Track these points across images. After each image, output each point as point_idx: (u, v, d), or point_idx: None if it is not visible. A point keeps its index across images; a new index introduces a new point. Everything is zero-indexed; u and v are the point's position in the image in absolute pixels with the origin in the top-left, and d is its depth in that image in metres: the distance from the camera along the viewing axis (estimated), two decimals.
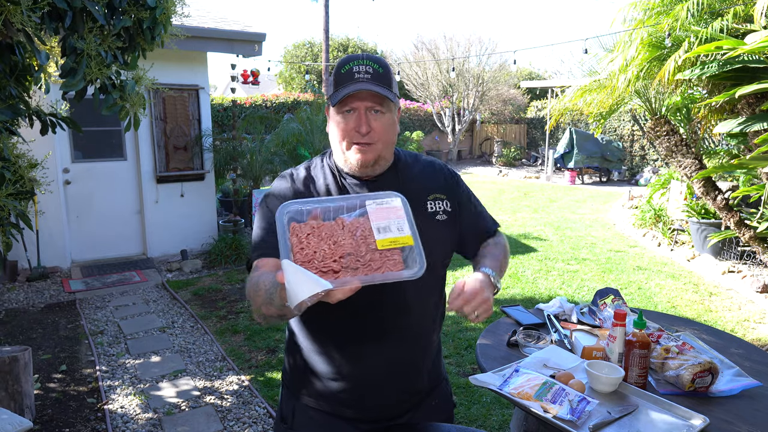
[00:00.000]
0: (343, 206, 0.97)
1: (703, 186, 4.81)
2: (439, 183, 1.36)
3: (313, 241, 0.91)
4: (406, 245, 0.92)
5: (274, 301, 1.01)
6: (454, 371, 3.39)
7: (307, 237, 0.92)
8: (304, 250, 0.90)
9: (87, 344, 3.86)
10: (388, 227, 0.93)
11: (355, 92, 1.18)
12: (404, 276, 0.90)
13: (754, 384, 1.52)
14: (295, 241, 0.91)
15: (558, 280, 5.25)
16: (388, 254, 0.91)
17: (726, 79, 3.80)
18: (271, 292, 1.02)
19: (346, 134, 1.23)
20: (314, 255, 0.90)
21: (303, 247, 0.91)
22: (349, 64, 1.22)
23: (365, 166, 1.24)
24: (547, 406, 1.34)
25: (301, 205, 0.97)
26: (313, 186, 1.30)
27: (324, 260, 0.89)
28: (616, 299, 2.00)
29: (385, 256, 0.91)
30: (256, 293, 1.08)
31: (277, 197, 1.29)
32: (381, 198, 0.98)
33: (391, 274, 0.88)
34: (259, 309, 1.09)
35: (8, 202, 2.16)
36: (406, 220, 0.95)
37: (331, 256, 0.90)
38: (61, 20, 2.03)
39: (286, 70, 21.45)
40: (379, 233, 0.92)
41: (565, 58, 26.91)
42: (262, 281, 1.08)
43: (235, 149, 6.36)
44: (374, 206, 0.96)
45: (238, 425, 2.85)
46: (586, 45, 7.21)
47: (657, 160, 12.81)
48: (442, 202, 1.34)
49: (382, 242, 0.91)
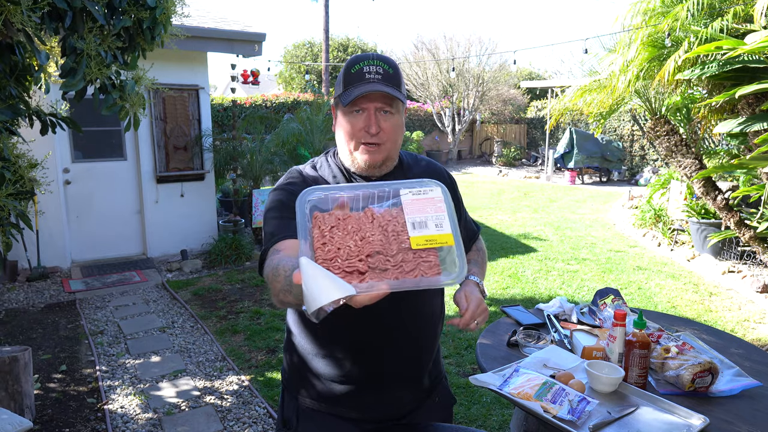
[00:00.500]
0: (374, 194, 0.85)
1: (703, 186, 4.81)
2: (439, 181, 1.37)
3: (338, 235, 0.79)
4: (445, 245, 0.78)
5: (293, 289, 0.91)
6: (454, 371, 3.39)
7: (330, 230, 0.80)
8: (326, 246, 0.78)
9: (87, 344, 3.86)
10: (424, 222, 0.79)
11: (367, 93, 1.18)
12: (441, 282, 0.76)
13: (754, 384, 1.52)
14: (317, 235, 0.79)
15: (558, 280, 5.25)
16: (423, 255, 0.77)
17: (726, 79, 3.80)
18: (291, 280, 0.90)
19: (354, 134, 1.22)
20: (338, 252, 0.77)
21: (325, 242, 0.79)
22: (360, 63, 1.21)
23: (373, 167, 1.25)
24: (547, 406, 1.34)
25: (326, 191, 0.84)
26: (321, 180, 1.29)
27: (349, 258, 0.77)
28: (616, 299, 2.00)
29: (419, 257, 0.77)
30: (275, 278, 0.99)
31: (287, 185, 1.25)
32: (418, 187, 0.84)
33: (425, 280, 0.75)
34: (278, 295, 1.00)
35: (8, 202, 2.16)
36: (446, 215, 0.81)
37: (358, 254, 0.77)
38: (61, 20, 2.03)
39: (286, 70, 21.45)
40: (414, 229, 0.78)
41: (565, 58, 26.93)
42: (281, 266, 0.98)
43: (235, 149, 6.36)
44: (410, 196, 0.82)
45: (238, 425, 2.85)
46: (586, 45, 7.22)
47: (657, 160, 12.81)
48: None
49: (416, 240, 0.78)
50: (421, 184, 0.85)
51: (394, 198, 0.83)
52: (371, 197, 0.84)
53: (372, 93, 1.18)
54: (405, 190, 0.83)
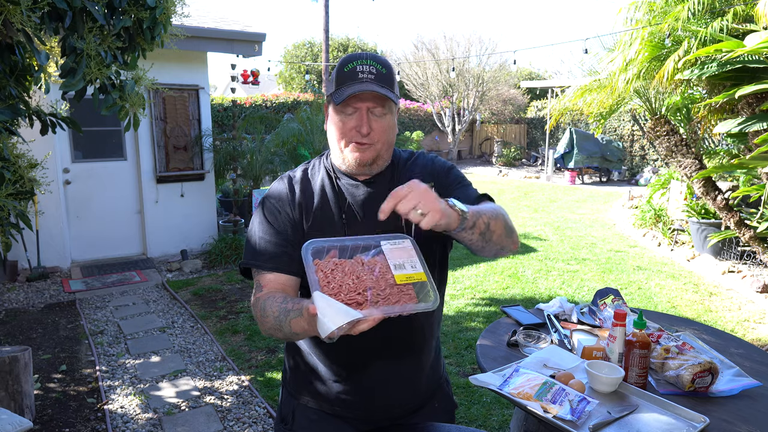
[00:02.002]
0: (359, 245, 1.07)
1: (703, 186, 4.81)
2: (426, 171, 1.33)
3: (338, 275, 1.00)
4: (420, 281, 1.01)
5: (283, 329, 1.08)
6: (454, 371, 3.39)
7: (332, 272, 1.00)
8: (330, 284, 0.98)
9: (87, 344, 3.86)
10: (403, 265, 1.02)
11: (358, 93, 1.17)
12: (419, 308, 0.98)
13: (754, 384, 1.52)
14: (322, 276, 0.99)
15: (558, 280, 5.25)
16: (404, 288, 1.00)
17: (726, 79, 3.80)
18: (280, 320, 1.08)
19: (346, 133, 1.22)
20: (340, 288, 0.98)
21: (329, 281, 0.99)
22: (353, 63, 1.20)
23: (363, 165, 1.24)
24: (547, 406, 1.34)
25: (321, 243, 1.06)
26: (309, 188, 1.30)
27: (349, 294, 0.97)
28: (616, 299, 2.00)
29: (401, 291, 1.00)
30: (264, 318, 1.14)
31: (276, 202, 1.29)
32: (394, 239, 1.07)
33: (408, 306, 0.97)
34: (267, 332, 1.15)
35: (8, 202, 2.16)
36: (417, 259, 1.04)
37: (355, 289, 0.98)
38: (60, 20, 2.03)
39: (286, 70, 21.45)
40: (396, 269, 1.01)
41: (565, 58, 26.94)
42: (269, 307, 1.13)
43: (235, 149, 6.36)
44: (389, 246, 1.05)
45: (238, 425, 2.85)
46: (587, 45, 7.22)
47: (657, 160, 12.81)
48: (432, 188, 1.31)
49: (399, 277, 1.00)
50: (396, 238, 1.08)
51: (376, 248, 1.05)
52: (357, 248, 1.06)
53: (364, 93, 1.17)
54: (385, 242, 1.06)
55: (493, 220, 1.14)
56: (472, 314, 4.34)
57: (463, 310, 4.44)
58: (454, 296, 4.75)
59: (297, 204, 1.28)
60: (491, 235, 1.13)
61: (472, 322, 4.16)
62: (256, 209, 1.32)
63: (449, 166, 1.38)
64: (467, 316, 4.29)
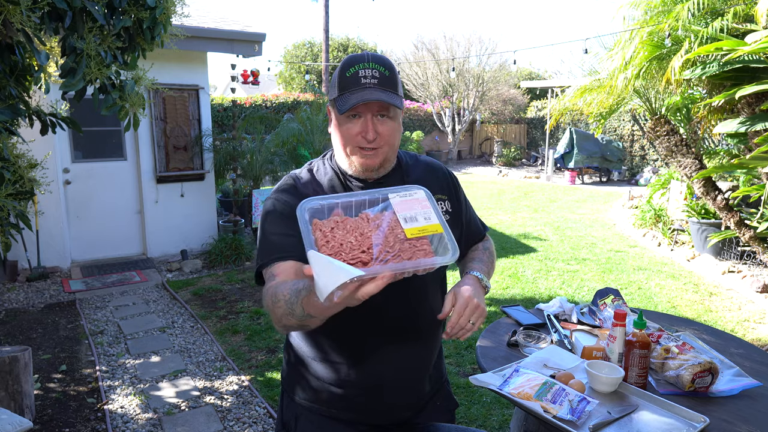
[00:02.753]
0: (365, 200, 0.94)
1: (703, 186, 4.81)
2: (441, 184, 1.36)
3: (339, 233, 0.87)
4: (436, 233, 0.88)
5: (295, 311, 0.99)
6: (454, 371, 3.39)
7: (331, 231, 0.87)
8: (329, 243, 0.85)
9: (87, 344, 3.86)
10: (414, 217, 0.89)
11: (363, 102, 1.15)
12: (437, 263, 0.84)
13: (754, 384, 1.52)
14: (320, 236, 0.86)
15: (558, 280, 5.25)
16: (418, 243, 0.86)
17: (726, 79, 3.80)
18: (292, 302, 0.99)
19: (351, 140, 1.20)
20: (341, 247, 0.84)
21: (328, 240, 0.86)
22: (355, 67, 1.18)
23: (370, 170, 1.24)
24: (547, 406, 1.34)
25: (321, 200, 0.93)
26: (317, 186, 1.28)
27: (352, 252, 0.84)
28: (616, 299, 2.00)
29: (414, 246, 0.86)
30: (275, 304, 1.05)
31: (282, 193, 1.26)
32: (404, 191, 0.94)
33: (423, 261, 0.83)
34: (280, 320, 1.06)
35: (8, 202, 2.16)
36: (432, 210, 0.92)
37: (359, 247, 0.85)
38: (60, 20, 2.03)
39: (286, 70, 21.45)
40: (407, 223, 0.88)
41: (565, 58, 26.95)
42: (280, 291, 1.05)
43: (235, 149, 6.36)
44: (398, 198, 0.92)
45: (238, 425, 2.85)
46: (587, 45, 7.22)
47: (657, 160, 12.81)
48: (444, 203, 1.34)
49: (410, 231, 0.87)
50: (407, 188, 0.95)
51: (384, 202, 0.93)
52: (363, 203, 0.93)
53: (368, 101, 1.15)
54: (393, 194, 0.93)
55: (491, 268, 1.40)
56: None
57: None
58: None
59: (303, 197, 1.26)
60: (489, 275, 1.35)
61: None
62: (262, 211, 1.29)
63: (455, 178, 1.44)
64: None
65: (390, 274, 0.80)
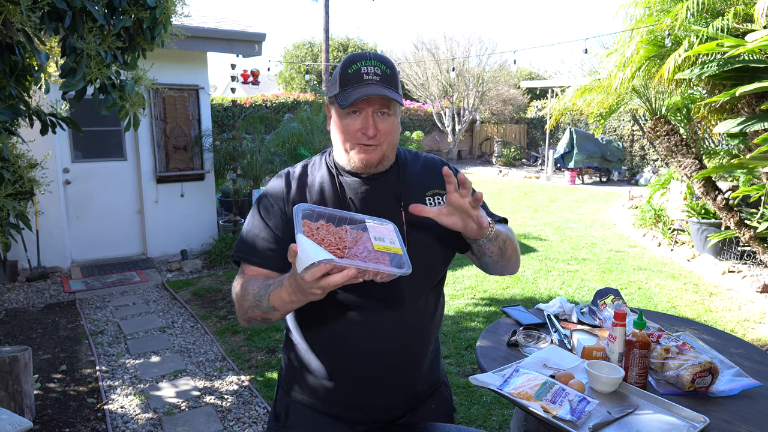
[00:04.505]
0: (347, 218, 1.13)
1: (703, 186, 4.81)
2: (439, 179, 1.35)
3: (322, 232, 1.07)
4: (396, 253, 1.07)
5: (261, 304, 1.13)
6: (454, 371, 3.39)
7: (317, 229, 1.07)
8: (313, 237, 1.04)
9: (87, 344, 3.86)
10: (382, 239, 1.09)
11: (365, 96, 1.17)
12: (395, 271, 1.00)
13: (754, 384, 1.52)
14: (306, 230, 1.05)
15: (558, 280, 5.25)
16: (380, 256, 1.05)
17: (726, 78, 3.80)
18: (260, 295, 1.13)
19: (351, 135, 1.22)
20: (322, 242, 1.03)
21: (313, 234, 1.05)
22: (357, 64, 1.20)
23: (369, 166, 1.24)
24: (547, 406, 1.34)
25: (313, 207, 1.13)
26: (307, 185, 1.30)
27: (329, 247, 1.03)
28: (616, 299, 2.00)
29: (377, 257, 1.04)
30: (244, 297, 1.18)
31: (271, 198, 1.31)
32: (378, 220, 1.14)
33: (382, 266, 1.00)
34: (246, 312, 1.18)
35: (8, 202, 2.16)
36: (397, 238, 1.11)
37: (336, 245, 1.04)
38: (60, 20, 2.03)
39: (286, 70, 21.46)
40: (376, 240, 1.08)
41: (565, 58, 26.96)
42: (250, 286, 1.18)
43: (235, 149, 6.36)
44: (373, 223, 1.12)
45: (238, 425, 2.85)
46: (586, 45, 7.23)
47: (657, 160, 12.81)
48: (442, 198, 1.33)
49: (377, 246, 1.06)
50: (381, 220, 1.15)
51: (361, 224, 1.12)
52: (345, 219, 1.12)
53: (370, 96, 1.17)
54: (369, 220, 1.13)
55: (509, 240, 1.29)
56: (472, 314, 4.34)
57: (463, 310, 4.44)
58: (454, 296, 4.75)
59: (291, 201, 1.28)
60: (505, 251, 1.27)
61: (472, 322, 4.16)
62: (254, 204, 1.34)
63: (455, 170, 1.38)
64: (467, 316, 4.29)
65: (354, 269, 0.95)
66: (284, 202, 1.28)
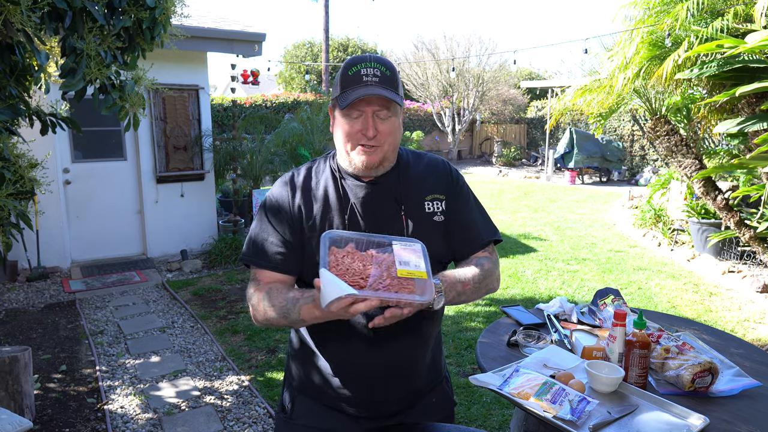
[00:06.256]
0: (374, 241, 1.16)
1: (703, 186, 4.81)
2: (439, 183, 1.35)
3: (347, 260, 1.10)
4: (421, 278, 1.09)
5: (289, 316, 1.18)
6: (454, 371, 3.39)
7: (342, 257, 1.10)
8: (338, 266, 1.08)
9: (87, 344, 3.86)
10: (407, 263, 1.10)
11: (364, 96, 1.18)
12: (416, 300, 1.04)
13: (754, 384, 1.52)
14: (333, 260, 1.09)
15: (558, 280, 5.25)
16: (404, 282, 1.07)
17: (726, 78, 3.80)
18: (288, 308, 1.18)
19: (352, 137, 1.23)
20: (346, 271, 1.07)
21: (338, 263, 1.09)
22: (357, 66, 1.21)
23: (370, 168, 1.25)
24: (547, 406, 1.34)
25: (341, 233, 1.17)
26: (311, 189, 1.32)
27: (353, 277, 1.06)
28: (616, 299, 2.00)
29: (401, 283, 1.07)
30: (267, 308, 1.21)
31: (277, 202, 1.33)
32: (406, 242, 1.16)
33: (405, 296, 1.04)
34: (268, 320, 1.23)
35: (8, 202, 2.16)
36: (423, 261, 1.12)
37: (360, 274, 1.07)
38: (60, 20, 2.03)
39: (286, 70, 21.45)
40: (401, 265, 1.10)
41: (565, 58, 26.96)
42: (274, 298, 1.21)
43: (235, 149, 6.35)
44: (399, 246, 1.14)
45: (238, 425, 2.85)
46: (587, 45, 7.22)
47: (657, 160, 12.81)
48: (441, 203, 1.33)
49: (401, 272, 1.08)
50: (408, 240, 1.17)
51: (388, 247, 1.14)
52: (372, 243, 1.16)
53: (369, 96, 1.18)
54: (396, 243, 1.15)
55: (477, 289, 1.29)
56: (472, 314, 4.34)
57: (463, 310, 4.44)
58: None
59: (296, 204, 1.30)
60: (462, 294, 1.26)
61: (472, 322, 4.16)
62: (259, 207, 1.36)
63: (459, 178, 1.40)
64: (467, 316, 4.29)
65: (376, 299, 1.02)
66: (289, 205, 1.31)
